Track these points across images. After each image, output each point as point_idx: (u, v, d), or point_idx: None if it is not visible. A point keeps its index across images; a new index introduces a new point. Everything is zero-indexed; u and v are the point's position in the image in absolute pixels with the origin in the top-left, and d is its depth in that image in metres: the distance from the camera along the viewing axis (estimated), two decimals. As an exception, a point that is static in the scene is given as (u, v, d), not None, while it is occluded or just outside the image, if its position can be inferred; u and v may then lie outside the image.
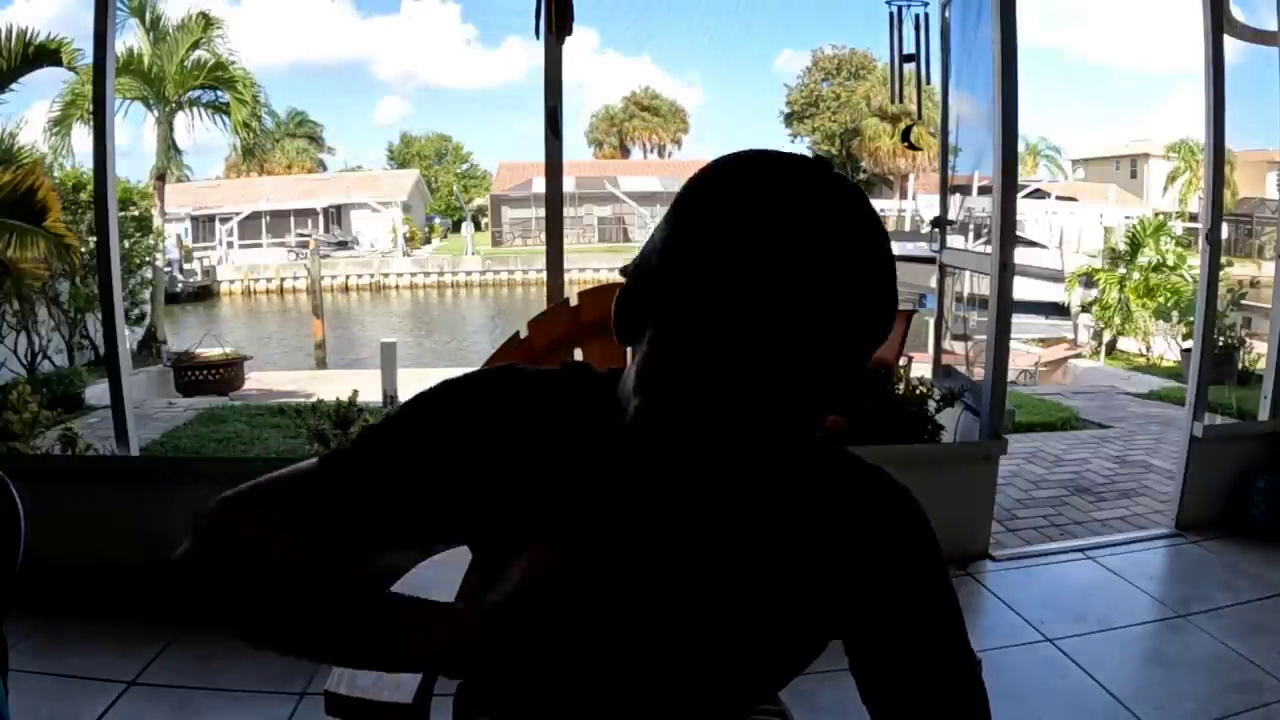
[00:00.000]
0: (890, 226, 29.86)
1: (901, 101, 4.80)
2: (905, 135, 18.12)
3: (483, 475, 0.80)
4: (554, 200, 3.08)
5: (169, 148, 13.56)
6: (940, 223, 4.59)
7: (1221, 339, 7.70)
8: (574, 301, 1.81)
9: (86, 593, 2.78)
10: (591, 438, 0.80)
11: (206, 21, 13.21)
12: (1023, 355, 11.18)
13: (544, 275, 3.12)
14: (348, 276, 30.55)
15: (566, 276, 3.11)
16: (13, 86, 8.02)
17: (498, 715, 0.96)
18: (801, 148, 44.49)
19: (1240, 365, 7.91)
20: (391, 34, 60.81)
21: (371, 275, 31.05)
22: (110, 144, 3.08)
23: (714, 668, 0.82)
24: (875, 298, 0.70)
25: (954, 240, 4.56)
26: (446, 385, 0.84)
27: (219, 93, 13.60)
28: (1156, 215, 16.20)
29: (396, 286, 31.08)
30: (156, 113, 13.34)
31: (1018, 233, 3.50)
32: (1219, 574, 3.15)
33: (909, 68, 4.12)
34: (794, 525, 0.81)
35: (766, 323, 0.66)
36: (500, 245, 35.72)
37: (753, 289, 0.66)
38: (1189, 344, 8.93)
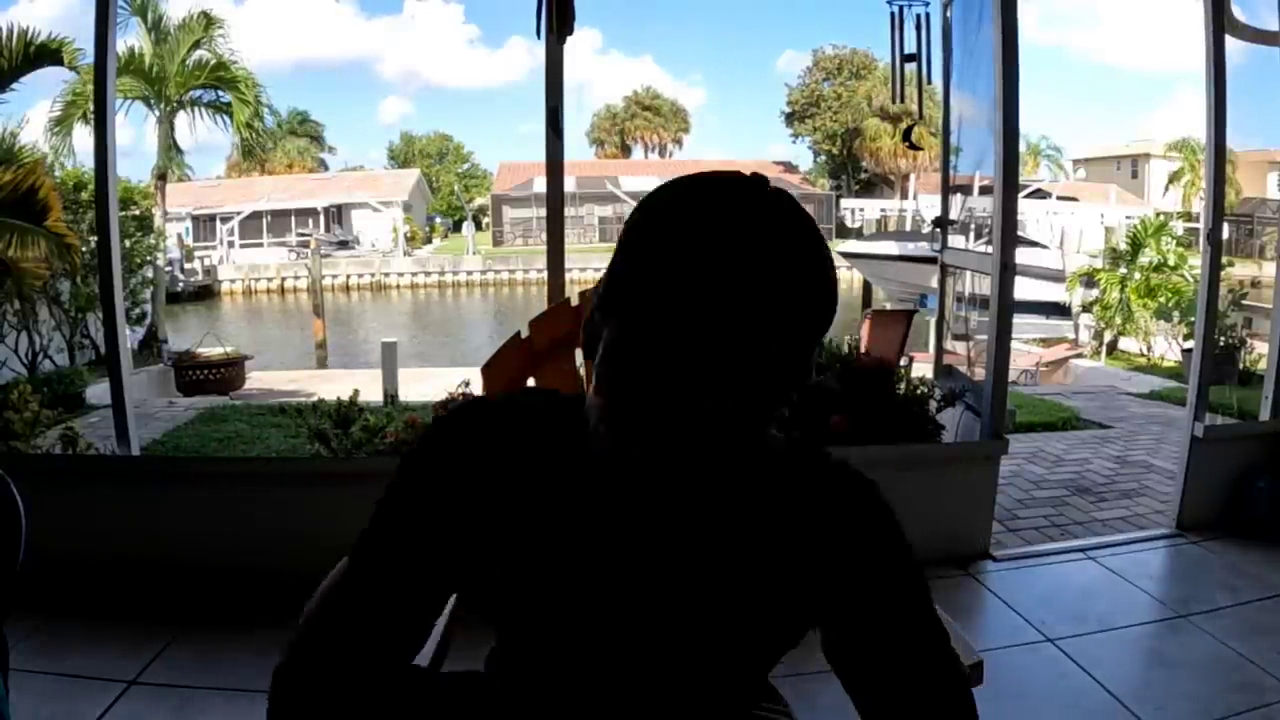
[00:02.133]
0: (891, 226, 29.93)
1: (903, 101, 4.80)
2: (906, 135, 18.15)
3: (471, 519, 0.84)
4: (555, 200, 3.08)
5: (170, 147, 13.55)
6: (942, 223, 4.59)
7: (1222, 339, 7.70)
8: (575, 301, 1.81)
9: (87, 592, 2.78)
10: (564, 462, 0.84)
11: (208, 21, 13.20)
12: (1024, 355, 11.17)
13: (545, 275, 3.12)
14: (349, 276, 30.55)
15: (567, 276, 3.10)
16: (14, 86, 8.02)
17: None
18: (802, 148, 44.54)
19: (1241, 365, 7.91)
20: (394, 34, 60.89)
21: (372, 275, 31.05)
22: (111, 144, 3.08)
23: (701, 657, 0.86)
24: (808, 289, 0.74)
25: (955, 240, 4.55)
26: (422, 447, 0.87)
27: (220, 92, 13.59)
28: (1158, 215, 16.16)
29: (397, 286, 31.08)
30: (158, 112, 13.32)
31: (1018, 233, 3.50)
32: (1219, 574, 3.15)
33: (910, 67, 4.11)
34: (763, 522, 0.85)
35: (713, 317, 0.71)
36: (501, 245, 35.74)
37: (697, 288, 0.71)
38: (1190, 344, 8.92)
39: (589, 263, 29.09)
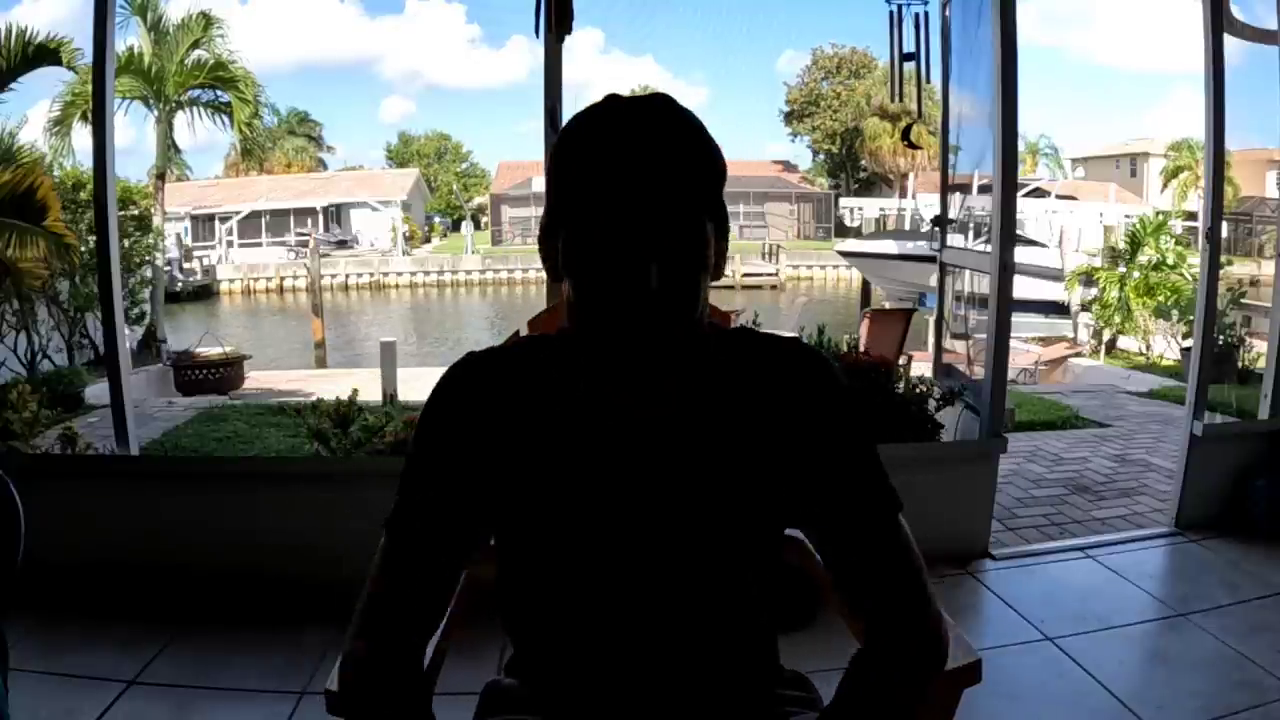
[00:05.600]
0: (890, 225, 29.87)
1: (902, 100, 4.80)
2: (905, 134, 18.15)
3: (492, 461, 0.95)
4: (554, 199, 3.07)
5: (169, 147, 13.57)
6: (941, 222, 4.59)
7: (1221, 338, 7.68)
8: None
9: (86, 592, 2.78)
10: (554, 389, 0.96)
11: (207, 21, 13.21)
12: (1023, 354, 11.16)
13: (543, 274, 3.11)
14: (347, 275, 30.54)
15: (566, 275, 3.09)
16: (13, 86, 8.03)
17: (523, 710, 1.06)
18: (801, 146, 44.52)
19: (1240, 364, 7.90)
20: (396, 34, 60.83)
21: (371, 274, 31.04)
22: (110, 143, 3.08)
23: (700, 536, 0.95)
24: (692, 155, 0.90)
25: (954, 239, 4.55)
26: (432, 408, 0.99)
27: (219, 92, 13.60)
28: (1157, 214, 16.15)
29: (396, 285, 31.08)
30: (156, 112, 13.32)
31: (1017, 231, 3.49)
32: (1219, 573, 3.15)
33: (909, 66, 4.11)
34: (725, 404, 0.96)
35: (626, 193, 0.87)
36: (500, 244, 35.70)
37: (610, 176, 0.88)
38: (1189, 343, 8.93)
39: (588, 262, 29.04)
